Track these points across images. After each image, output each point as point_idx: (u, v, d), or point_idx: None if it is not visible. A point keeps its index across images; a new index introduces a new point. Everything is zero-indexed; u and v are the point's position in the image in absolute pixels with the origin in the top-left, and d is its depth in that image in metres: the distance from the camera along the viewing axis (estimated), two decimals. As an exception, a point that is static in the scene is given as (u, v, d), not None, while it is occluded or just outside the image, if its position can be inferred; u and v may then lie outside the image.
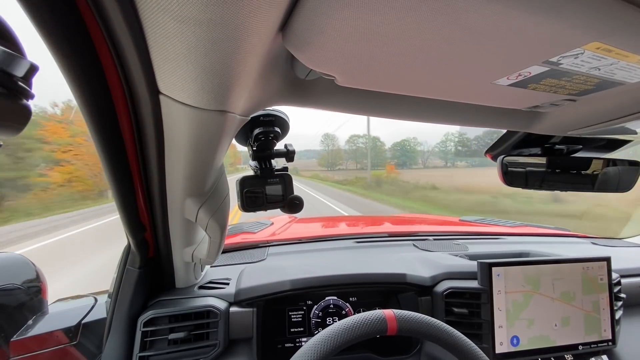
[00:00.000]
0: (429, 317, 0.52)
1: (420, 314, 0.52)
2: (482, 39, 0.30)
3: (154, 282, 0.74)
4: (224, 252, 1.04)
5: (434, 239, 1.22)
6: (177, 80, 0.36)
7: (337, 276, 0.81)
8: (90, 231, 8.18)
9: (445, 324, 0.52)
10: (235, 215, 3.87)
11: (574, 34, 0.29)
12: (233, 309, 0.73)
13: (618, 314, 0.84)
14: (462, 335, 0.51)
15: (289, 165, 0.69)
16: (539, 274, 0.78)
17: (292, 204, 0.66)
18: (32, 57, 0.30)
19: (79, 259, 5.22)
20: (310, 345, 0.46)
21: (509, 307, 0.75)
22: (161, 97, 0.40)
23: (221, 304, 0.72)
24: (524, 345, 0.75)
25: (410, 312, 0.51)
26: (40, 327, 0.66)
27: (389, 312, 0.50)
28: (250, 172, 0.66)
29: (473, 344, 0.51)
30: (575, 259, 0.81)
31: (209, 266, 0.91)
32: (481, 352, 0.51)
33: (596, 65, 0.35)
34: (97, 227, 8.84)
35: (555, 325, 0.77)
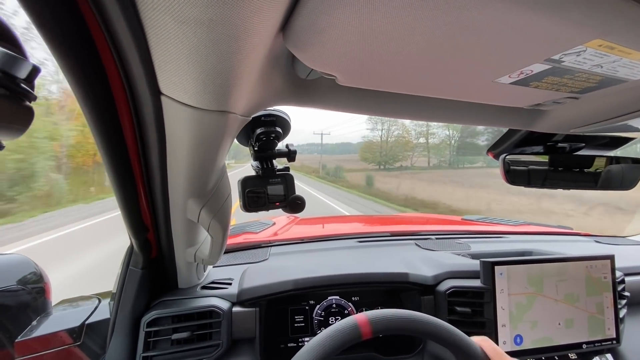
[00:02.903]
0: (403, 310, 0.49)
1: (393, 309, 0.49)
2: (484, 37, 0.30)
3: (157, 282, 0.74)
4: (226, 252, 1.04)
5: (437, 238, 1.22)
6: (179, 80, 0.36)
7: (340, 276, 0.81)
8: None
9: (420, 314, 0.49)
10: (233, 215, 3.80)
11: (576, 31, 0.28)
12: (236, 309, 0.73)
13: (622, 313, 0.83)
14: (439, 320, 0.49)
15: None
16: (542, 273, 0.78)
17: (294, 204, 0.66)
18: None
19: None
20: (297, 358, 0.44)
21: (512, 309, 0.75)
22: (163, 98, 0.41)
23: (224, 304, 0.73)
24: (527, 345, 0.75)
25: (383, 310, 0.49)
26: (44, 327, 0.66)
27: (360, 317, 0.48)
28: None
29: (452, 327, 0.49)
30: (578, 257, 0.81)
31: (212, 266, 0.91)
32: (459, 331, 0.48)
33: (598, 63, 0.35)
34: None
35: (559, 325, 0.77)
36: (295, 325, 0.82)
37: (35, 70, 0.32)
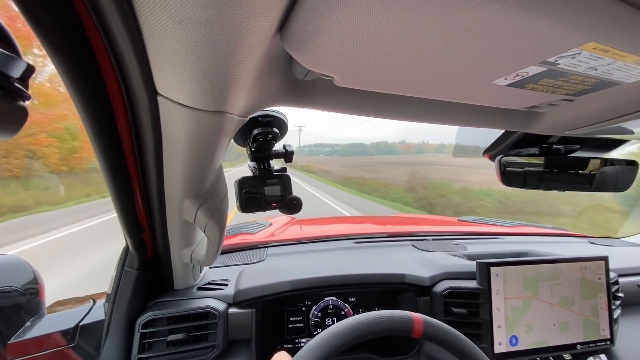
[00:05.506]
0: (457, 331, 0.51)
1: (448, 326, 0.51)
2: (480, 39, 0.30)
3: (153, 283, 0.73)
4: (222, 253, 1.04)
5: (433, 239, 1.22)
6: (175, 81, 0.36)
7: (336, 277, 0.81)
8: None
9: (470, 341, 0.51)
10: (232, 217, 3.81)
11: (571, 34, 0.29)
12: (232, 310, 0.73)
13: (616, 313, 0.84)
14: (484, 354, 0.51)
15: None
16: (538, 275, 0.78)
17: (291, 205, 0.66)
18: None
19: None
20: (339, 327, 0.46)
21: (508, 313, 0.75)
22: (159, 98, 0.40)
23: (220, 305, 0.72)
24: (522, 345, 0.75)
25: (438, 321, 0.51)
26: (38, 329, 0.66)
27: (416, 315, 0.50)
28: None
29: None
30: (573, 259, 0.81)
31: (208, 267, 0.90)
32: None
33: (593, 66, 0.35)
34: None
35: (554, 326, 0.77)
36: (292, 326, 0.82)
37: (29, 70, 0.31)
